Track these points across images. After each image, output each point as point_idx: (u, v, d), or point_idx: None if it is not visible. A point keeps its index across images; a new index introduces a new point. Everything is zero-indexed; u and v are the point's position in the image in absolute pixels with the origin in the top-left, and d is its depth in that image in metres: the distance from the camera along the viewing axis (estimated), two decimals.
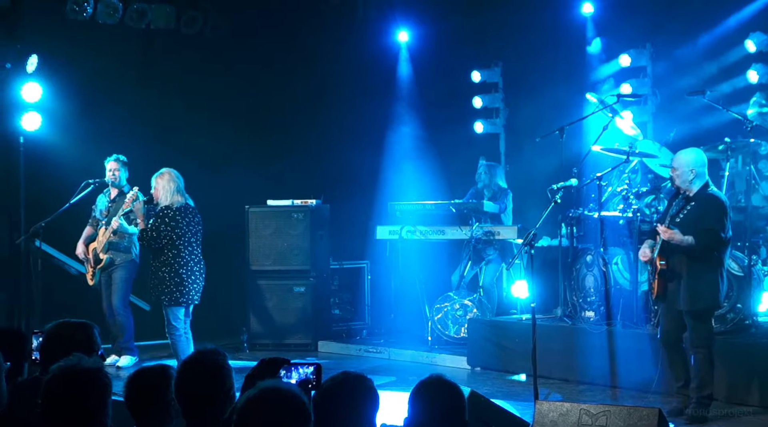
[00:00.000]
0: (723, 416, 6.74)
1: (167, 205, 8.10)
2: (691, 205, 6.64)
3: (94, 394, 3.25)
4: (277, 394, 2.82)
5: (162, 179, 8.16)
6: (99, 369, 3.31)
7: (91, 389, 3.25)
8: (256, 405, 2.80)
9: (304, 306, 10.28)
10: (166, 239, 8.04)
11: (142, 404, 3.62)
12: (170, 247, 8.06)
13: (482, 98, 11.50)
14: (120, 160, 9.24)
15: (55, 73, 10.09)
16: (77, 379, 3.24)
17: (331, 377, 3.47)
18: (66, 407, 3.21)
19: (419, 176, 11.05)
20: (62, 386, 3.22)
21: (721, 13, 9.42)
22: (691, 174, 6.69)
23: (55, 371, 3.27)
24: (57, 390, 3.23)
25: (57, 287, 9.77)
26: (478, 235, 9.62)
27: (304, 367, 3.46)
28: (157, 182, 8.17)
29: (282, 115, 11.81)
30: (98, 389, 3.26)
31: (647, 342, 7.55)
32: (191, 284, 8.10)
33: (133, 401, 3.63)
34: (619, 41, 10.21)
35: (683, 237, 6.50)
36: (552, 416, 5.34)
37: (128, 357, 9.07)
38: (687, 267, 6.62)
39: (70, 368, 3.27)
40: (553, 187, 7.67)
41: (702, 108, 8.75)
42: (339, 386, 3.41)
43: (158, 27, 11.06)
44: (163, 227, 8.03)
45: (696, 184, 6.69)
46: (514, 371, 8.64)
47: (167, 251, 8.06)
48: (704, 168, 6.76)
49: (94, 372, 3.28)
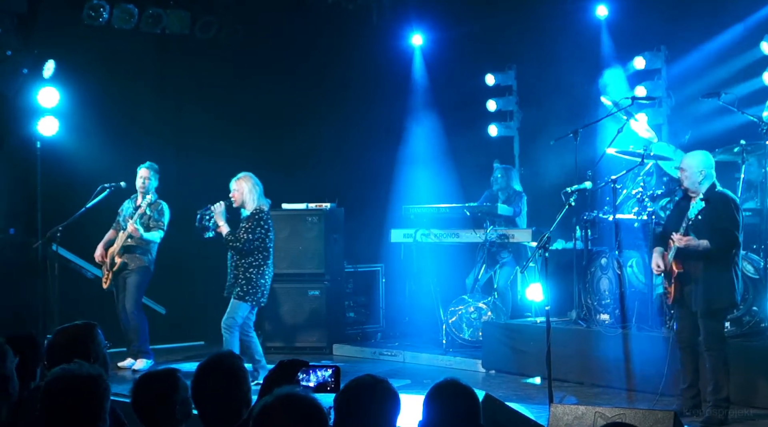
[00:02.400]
0: (740, 420, 6.72)
1: (258, 208, 8.25)
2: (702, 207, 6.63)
3: (91, 400, 3.24)
4: (293, 401, 2.81)
5: (245, 183, 8.28)
6: (97, 376, 3.29)
7: (87, 395, 3.23)
8: (272, 413, 2.80)
9: (319, 309, 10.30)
10: (259, 240, 8.19)
11: (149, 407, 3.62)
12: (261, 249, 8.24)
13: (496, 101, 11.50)
14: (153, 168, 9.28)
15: (71, 79, 10.16)
16: (74, 385, 3.23)
17: (354, 378, 3.45)
18: (63, 414, 3.20)
19: (433, 179, 11.06)
20: (58, 393, 3.22)
21: (736, 15, 9.38)
22: (700, 175, 6.73)
23: (52, 378, 3.27)
24: (53, 397, 3.22)
25: (74, 291, 9.83)
26: (492, 238, 9.62)
27: (322, 370, 3.47)
28: (240, 186, 8.27)
29: (297, 119, 11.84)
30: (95, 396, 3.25)
31: (662, 345, 7.52)
32: (269, 287, 8.38)
33: (140, 405, 3.63)
34: (633, 44, 10.18)
35: (699, 242, 6.52)
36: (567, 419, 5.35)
37: (144, 360, 9.11)
38: (703, 270, 6.64)
39: (67, 374, 3.26)
40: (568, 190, 7.67)
41: (717, 110, 8.72)
42: (362, 388, 3.40)
43: (173, 32, 11.12)
44: (258, 229, 8.18)
45: (704, 184, 6.73)
46: (528, 374, 8.62)
47: (258, 253, 8.23)
48: (712, 169, 6.83)
49: (91, 378, 3.26)
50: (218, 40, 11.46)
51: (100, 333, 4.21)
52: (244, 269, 8.23)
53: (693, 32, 9.66)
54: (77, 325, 4.20)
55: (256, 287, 8.23)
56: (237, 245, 8.19)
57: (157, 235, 9.21)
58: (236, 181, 8.31)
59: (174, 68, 11.61)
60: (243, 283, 8.19)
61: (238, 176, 8.34)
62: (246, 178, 8.32)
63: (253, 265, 8.23)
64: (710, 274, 6.63)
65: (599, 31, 10.52)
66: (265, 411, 2.81)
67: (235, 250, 8.23)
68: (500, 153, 11.08)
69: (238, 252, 8.23)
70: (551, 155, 9.77)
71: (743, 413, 6.83)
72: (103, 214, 9.49)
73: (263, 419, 2.81)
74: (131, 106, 11.05)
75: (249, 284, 8.20)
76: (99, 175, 9.57)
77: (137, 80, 11.21)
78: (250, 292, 8.20)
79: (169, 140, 11.45)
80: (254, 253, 8.23)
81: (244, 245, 8.16)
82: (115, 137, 10.60)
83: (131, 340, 9.25)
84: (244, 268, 8.23)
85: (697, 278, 6.66)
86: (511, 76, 11.49)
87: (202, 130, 11.44)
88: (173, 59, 11.58)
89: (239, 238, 8.16)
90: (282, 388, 2.96)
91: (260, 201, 8.30)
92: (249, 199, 8.26)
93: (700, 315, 6.68)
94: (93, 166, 10.04)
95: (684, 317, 6.85)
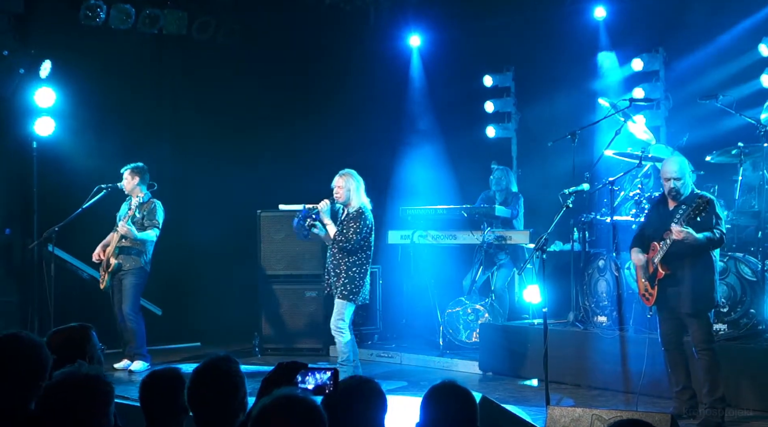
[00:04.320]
0: (736, 422, 6.71)
1: (364, 206, 7.98)
2: (683, 209, 6.63)
3: (94, 402, 3.23)
4: (291, 402, 2.81)
5: (352, 180, 7.98)
6: (98, 377, 3.28)
7: (90, 396, 3.22)
8: (270, 414, 2.80)
9: (316, 311, 10.27)
10: (364, 240, 7.95)
11: (155, 405, 3.64)
12: (365, 248, 7.98)
13: (494, 103, 11.49)
14: (136, 169, 9.21)
15: (68, 79, 10.14)
16: (76, 387, 3.22)
17: (341, 380, 3.47)
18: (64, 416, 3.19)
19: (431, 181, 11.05)
20: (61, 395, 3.20)
21: (734, 17, 9.38)
22: (690, 179, 6.80)
23: (54, 380, 3.26)
24: (55, 398, 3.21)
25: (70, 292, 9.83)
26: (489, 239, 9.61)
27: (321, 372, 3.46)
28: (346, 183, 7.97)
29: (294, 119, 11.83)
30: (98, 397, 3.24)
31: (659, 347, 7.50)
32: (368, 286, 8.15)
33: (147, 403, 3.65)
34: (631, 45, 10.18)
35: (696, 236, 6.49)
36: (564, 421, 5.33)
37: (141, 362, 9.08)
38: (689, 270, 6.66)
39: (69, 376, 3.25)
40: (565, 191, 7.67)
41: (715, 112, 8.71)
42: (348, 388, 3.42)
43: (170, 33, 11.11)
44: (365, 229, 7.94)
45: (690, 186, 6.79)
46: (525, 376, 8.62)
47: (361, 252, 7.96)
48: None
49: (93, 380, 3.25)
50: (215, 41, 11.45)
51: (95, 335, 4.19)
52: (347, 267, 7.92)
53: (691, 34, 9.66)
54: (72, 327, 4.19)
55: (359, 286, 7.93)
56: (347, 246, 7.90)
57: (152, 234, 9.18)
58: (341, 178, 7.99)
59: (171, 69, 11.61)
60: (346, 282, 7.90)
61: (342, 172, 8.01)
62: (350, 175, 8.00)
63: (356, 264, 7.93)
64: (695, 274, 6.66)
65: (597, 33, 10.51)
66: (263, 412, 2.81)
67: (344, 250, 7.93)
68: (498, 154, 11.07)
69: (346, 252, 7.94)
70: (549, 157, 9.76)
71: (740, 415, 6.83)
72: (99, 215, 9.46)
73: (262, 420, 2.81)
74: (128, 106, 11.04)
75: (352, 283, 7.90)
76: (96, 176, 9.55)
77: (134, 81, 11.20)
78: (354, 291, 7.90)
79: (166, 141, 11.44)
80: (358, 252, 7.94)
81: (354, 244, 7.89)
82: (112, 138, 10.59)
83: (128, 341, 9.22)
84: (347, 267, 7.93)
85: (681, 278, 6.68)
86: (509, 78, 11.49)
87: (199, 131, 11.43)
88: (170, 60, 11.57)
89: (350, 238, 7.86)
90: (281, 389, 2.95)
91: (364, 198, 8.02)
92: (354, 197, 7.95)
93: (688, 315, 6.69)
94: (90, 167, 10.03)
95: (668, 318, 6.87)
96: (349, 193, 7.95)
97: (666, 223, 6.67)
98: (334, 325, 7.98)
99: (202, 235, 11.09)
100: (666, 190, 6.83)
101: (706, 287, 6.68)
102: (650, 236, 6.87)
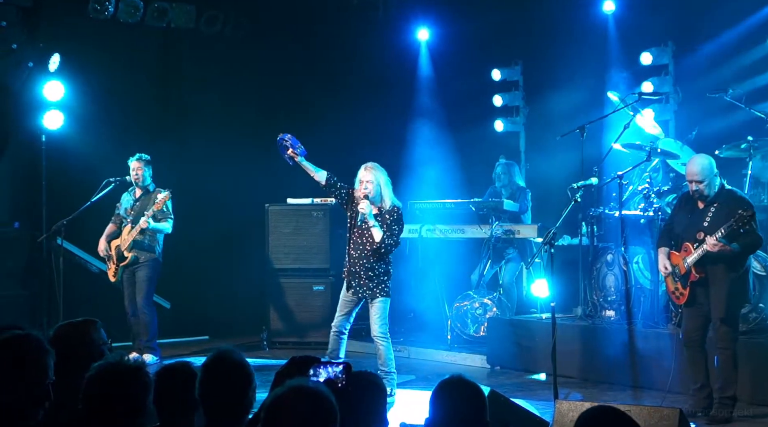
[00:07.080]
0: (745, 417, 6.70)
1: (397, 202, 7.59)
2: (715, 207, 6.57)
3: (134, 392, 3.29)
4: (304, 393, 2.83)
5: (381, 175, 7.49)
6: (139, 368, 3.35)
7: (130, 387, 3.28)
8: (283, 403, 2.82)
9: (324, 304, 10.27)
10: (398, 237, 7.61)
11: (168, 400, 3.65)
12: (394, 246, 7.58)
13: (502, 97, 11.47)
14: (143, 160, 9.24)
15: (76, 72, 10.16)
16: (117, 377, 3.27)
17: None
18: (106, 406, 3.24)
19: (439, 175, 11.03)
20: (101, 385, 3.26)
21: (743, 11, 9.34)
22: (716, 179, 6.65)
23: (96, 370, 3.30)
24: (96, 388, 3.26)
25: (79, 285, 9.85)
26: (497, 234, 9.60)
27: (333, 366, 3.46)
28: (374, 176, 7.45)
29: (301, 113, 11.81)
30: (138, 388, 3.30)
31: (668, 342, 7.51)
32: None
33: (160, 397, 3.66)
34: (640, 39, 10.14)
35: (732, 247, 6.42)
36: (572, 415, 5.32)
37: (150, 356, 9.08)
38: (725, 274, 6.55)
39: (110, 366, 3.30)
40: (574, 185, 7.65)
41: (724, 106, 8.69)
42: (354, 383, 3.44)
43: (179, 26, 11.12)
44: (402, 227, 7.63)
45: (717, 186, 6.66)
46: (533, 371, 8.62)
47: (394, 249, 7.65)
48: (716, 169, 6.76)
49: (134, 371, 3.32)
50: (223, 34, 11.45)
51: (102, 330, 4.19)
52: (385, 265, 7.55)
53: (701, 28, 9.63)
54: (78, 321, 4.19)
55: (388, 284, 7.59)
56: (395, 248, 7.59)
57: (168, 225, 9.20)
58: (367, 171, 7.48)
59: (179, 62, 11.61)
60: (385, 279, 7.52)
61: (367, 165, 7.52)
62: (377, 168, 7.50)
63: (388, 261, 7.59)
64: (729, 279, 6.55)
65: (606, 26, 10.49)
66: (276, 401, 2.83)
67: (389, 252, 7.52)
68: (506, 148, 11.05)
69: (387, 253, 7.54)
70: (557, 151, 9.73)
71: (749, 410, 6.82)
72: (108, 208, 9.49)
73: (275, 409, 2.82)
74: (136, 99, 11.06)
75: (387, 275, 7.56)
76: (104, 169, 9.56)
77: (142, 74, 11.21)
78: (389, 285, 7.59)
79: (174, 134, 11.44)
80: (390, 250, 7.61)
81: (398, 243, 7.61)
82: (120, 131, 10.60)
83: (139, 334, 9.23)
84: (386, 264, 7.55)
85: (715, 281, 6.58)
86: (517, 72, 11.46)
87: (207, 124, 11.43)
88: (178, 53, 11.58)
89: (398, 242, 7.55)
90: (294, 379, 2.97)
91: (392, 194, 7.58)
92: (386, 193, 7.49)
93: (719, 318, 6.61)
94: (98, 160, 10.04)
95: (694, 316, 6.78)
96: (379, 189, 7.46)
97: (697, 223, 6.60)
98: (379, 331, 7.53)
99: (210, 228, 11.11)
100: (690, 192, 6.75)
101: (741, 290, 6.64)
102: (680, 234, 6.77)
